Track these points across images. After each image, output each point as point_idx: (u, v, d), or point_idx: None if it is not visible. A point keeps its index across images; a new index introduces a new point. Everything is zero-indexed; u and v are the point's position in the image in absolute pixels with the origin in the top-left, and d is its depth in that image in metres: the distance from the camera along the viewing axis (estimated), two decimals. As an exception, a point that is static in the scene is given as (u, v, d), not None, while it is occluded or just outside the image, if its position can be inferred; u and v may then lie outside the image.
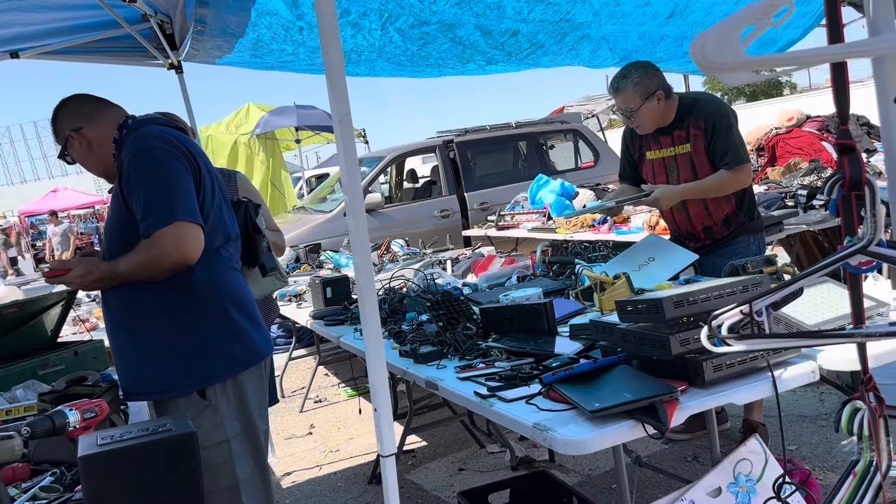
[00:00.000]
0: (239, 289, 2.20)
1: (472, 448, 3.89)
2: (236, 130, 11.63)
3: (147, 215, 1.97)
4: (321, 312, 3.47)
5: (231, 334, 2.12)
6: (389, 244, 5.44)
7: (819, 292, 2.24)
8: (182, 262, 1.97)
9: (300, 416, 4.87)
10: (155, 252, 1.95)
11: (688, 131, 3.14)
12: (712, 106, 3.16)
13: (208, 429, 2.06)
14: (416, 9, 2.86)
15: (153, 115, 2.23)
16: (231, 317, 2.12)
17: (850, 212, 1.21)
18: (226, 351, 2.10)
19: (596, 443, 1.66)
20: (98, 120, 2.17)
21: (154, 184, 1.98)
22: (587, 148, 9.01)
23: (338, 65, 1.51)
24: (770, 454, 2.06)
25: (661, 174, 3.28)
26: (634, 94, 3.09)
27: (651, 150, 3.29)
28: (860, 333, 1.17)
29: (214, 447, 2.07)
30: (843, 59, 1.17)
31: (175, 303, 2.06)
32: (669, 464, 3.37)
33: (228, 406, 2.11)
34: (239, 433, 2.13)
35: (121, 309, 2.13)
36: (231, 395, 2.11)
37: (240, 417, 2.13)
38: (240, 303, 2.17)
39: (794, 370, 1.90)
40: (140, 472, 1.20)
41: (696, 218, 3.26)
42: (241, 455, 2.12)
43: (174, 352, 2.06)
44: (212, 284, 2.10)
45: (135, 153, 2.02)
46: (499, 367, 2.23)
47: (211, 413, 2.07)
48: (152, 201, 1.97)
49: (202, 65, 3.94)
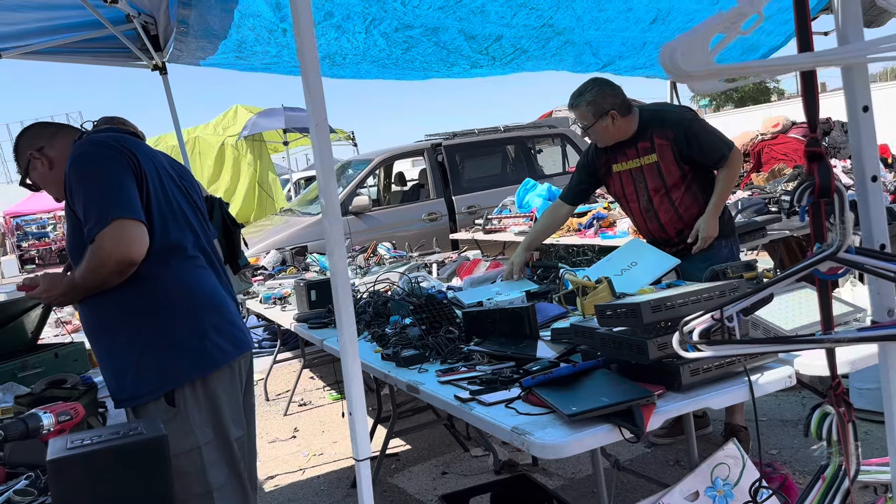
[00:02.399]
0: (206, 287, 2.17)
1: (456, 451, 3.89)
2: (224, 132, 11.62)
3: (87, 220, 1.96)
4: (305, 315, 3.47)
5: (198, 335, 2.10)
6: (376, 247, 5.43)
7: (797, 297, 2.26)
8: (126, 261, 1.94)
9: (284, 420, 4.86)
10: (99, 255, 1.93)
11: (652, 141, 3.23)
12: (675, 115, 3.27)
13: (179, 436, 2.03)
14: (399, 12, 2.87)
15: (101, 127, 2.23)
16: (199, 316, 2.11)
17: (819, 219, 1.23)
18: (193, 352, 2.08)
19: (573, 447, 1.67)
20: (59, 138, 2.20)
21: (89, 187, 1.97)
22: (575, 152, 9.04)
23: (314, 69, 1.51)
24: (748, 458, 2.07)
25: (629, 184, 3.36)
26: (587, 111, 3.20)
27: (617, 163, 3.36)
28: (828, 339, 1.18)
29: (185, 455, 2.05)
30: (811, 68, 1.18)
31: (139, 305, 2.04)
32: (651, 468, 3.38)
33: (199, 413, 2.09)
34: (212, 440, 2.11)
35: (93, 318, 2.12)
36: (202, 402, 2.10)
37: (212, 424, 2.11)
38: (206, 301, 2.15)
39: (770, 375, 1.92)
40: (109, 477, 1.19)
41: (668, 224, 3.33)
42: (214, 462, 2.11)
43: (145, 355, 2.05)
44: (177, 285, 2.09)
45: (71, 162, 2.03)
46: (480, 370, 2.24)
47: (181, 421, 2.06)
48: (90, 204, 1.96)
49: (190, 66, 3.92)
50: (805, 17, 1.19)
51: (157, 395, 2.05)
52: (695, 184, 3.25)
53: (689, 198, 3.25)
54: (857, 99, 1.27)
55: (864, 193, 1.30)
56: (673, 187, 3.24)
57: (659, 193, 3.27)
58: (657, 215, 3.32)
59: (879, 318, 1.30)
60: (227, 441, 2.15)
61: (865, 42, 1.19)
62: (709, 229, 3.21)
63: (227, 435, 2.15)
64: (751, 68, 1.12)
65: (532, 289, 3.25)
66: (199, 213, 2.27)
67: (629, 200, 3.42)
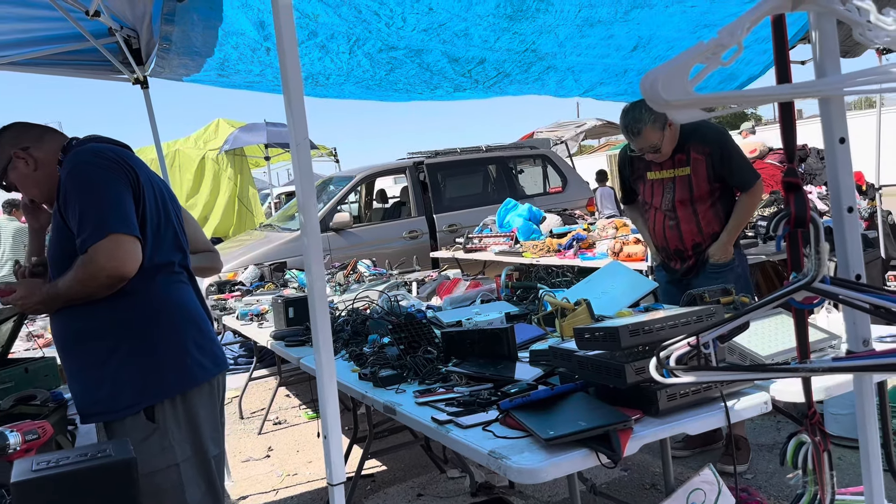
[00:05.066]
0: (189, 303, 2.17)
1: (433, 473, 3.86)
2: (204, 146, 11.56)
3: (82, 231, 1.94)
4: (282, 333, 3.43)
5: (181, 350, 2.08)
6: (356, 264, 5.41)
7: (774, 323, 2.28)
8: (118, 275, 1.93)
9: (258, 439, 4.79)
10: (90, 268, 1.92)
11: (689, 154, 3.34)
12: (713, 132, 3.38)
13: (156, 452, 2.01)
14: (383, 33, 2.88)
15: (95, 136, 2.21)
16: (181, 332, 2.09)
17: (796, 248, 1.24)
18: (176, 367, 2.06)
19: (550, 471, 1.66)
20: (47, 140, 2.17)
21: (88, 198, 1.95)
22: (555, 173, 9.11)
23: (297, 89, 1.51)
24: (723, 484, 2.07)
25: (658, 193, 3.47)
26: (654, 129, 3.27)
27: (652, 171, 3.47)
28: (804, 368, 1.19)
29: (163, 472, 2.03)
30: (790, 100, 1.20)
31: (123, 318, 2.02)
32: (627, 492, 3.38)
33: (178, 429, 2.06)
34: (190, 457, 2.08)
35: (69, 329, 2.08)
36: (181, 418, 2.07)
37: (191, 441, 2.09)
38: (190, 317, 2.14)
39: (747, 401, 1.93)
40: (76, 500, 1.16)
41: (687, 235, 3.42)
42: (191, 479, 2.08)
43: (125, 369, 2.02)
44: (161, 299, 2.08)
45: (70, 169, 2.01)
46: (458, 391, 2.23)
47: (159, 436, 2.03)
48: (86, 216, 1.94)
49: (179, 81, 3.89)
50: (784, 49, 1.21)
51: (137, 409, 2.02)
52: (720, 202, 3.37)
53: (712, 214, 3.37)
54: (834, 131, 1.29)
55: (841, 224, 1.31)
56: (698, 199, 3.34)
57: (684, 204, 3.37)
58: (679, 225, 3.41)
59: (854, 348, 1.31)
60: (205, 459, 2.13)
61: (842, 75, 1.21)
62: (721, 254, 3.34)
63: (205, 452, 2.13)
64: (730, 98, 1.13)
65: (511, 310, 3.25)
66: (184, 231, 2.27)
67: (654, 207, 3.51)
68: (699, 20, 3.17)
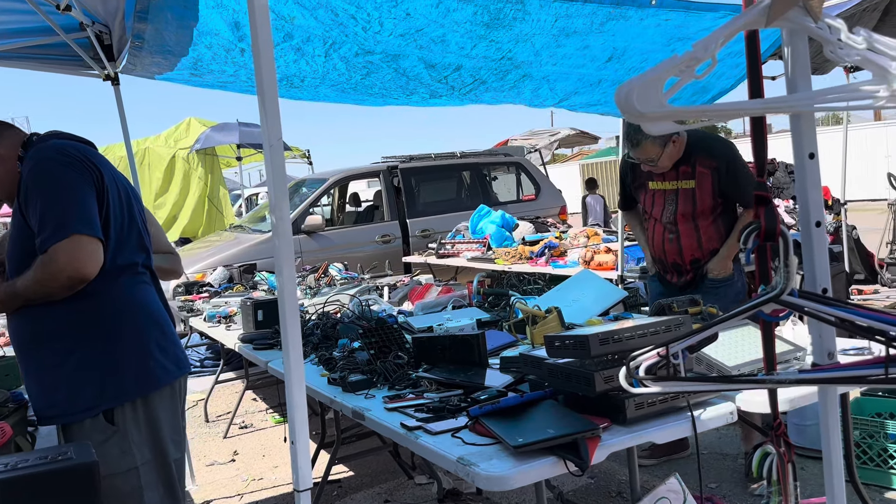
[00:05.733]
0: (152, 305, 2.13)
1: (400, 479, 3.84)
2: (175, 144, 11.42)
3: (43, 230, 1.89)
4: (251, 336, 3.40)
5: (143, 352, 2.05)
6: (327, 268, 5.37)
7: (741, 335, 2.31)
8: (78, 277, 1.89)
9: (224, 442, 4.73)
10: (50, 268, 1.88)
11: (694, 167, 3.26)
12: (723, 146, 3.31)
13: (116, 455, 1.97)
14: (360, 37, 2.87)
15: (58, 132, 2.16)
16: (144, 334, 2.06)
17: (764, 261, 1.26)
18: (137, 369, 2.02)
19: (518, 479, 1.66)
20: (5, 136, 2.11)
21: (50, 196, 1.91)
22: (529, 181, 9.16)
23: (271, 90, 1.49)
24: (688, 492, 2.09)
25: (659, 204, 3.39)
26: (654, 144, 3.21)
27: (654, 181, 3.40)
28: (770, 380, 1.20)
29: (122, 475, 1.99)
30: (762, 114, 1.22)
31: (84, 320, 1.98)
32: (594, 499, 3.39)
33: (139, 431, 2.03)
34: (150, 460, 2.05)
35: (26, 330, 2.03)
36: (142, 420, 2.04)
37: (151, 443, 2.05)
38: (153, 319, 2.11)
39: (713, 411, 1.95)
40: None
41: (686, 249, 3.36)
42: (150, 483, 2.04)
43: (84, 371, 1.98)
44: (124, 301, 2.04)
45: (32, 166, 1.96)
46: (428, 397, 2.23)
47: (119, 439, 1.99)
48: (48, 215, 1.89)
49: (151, 79, 3.83)
50: (757, 65, 1.23)
51: (96, 412, 1.98)
52: (721, 217, 3.31)
53: (713, 229, 3.31)
54: (804, 146, 1.31)
55: (809, 238, 1.34)
56: (701, 214, 3.27)
57: (686, 217, 3.30)
58: (679, 239, 3.34)
59: (820, 361, 1.34)
60: (165, 462, 2.10)
61: (813, 92, 1.24)
62: (720, 269, 3.29)
63: (165, 456, 2.10)
64: (704, 112, 1.14)
65: (483, 317, 3.25)
66: (147, 230, 2.23)
67: (654, 217, 3.45)
68: (673, 33, 3.21)
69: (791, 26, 1.21)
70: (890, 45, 1.16)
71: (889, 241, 7.75)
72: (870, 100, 1.16)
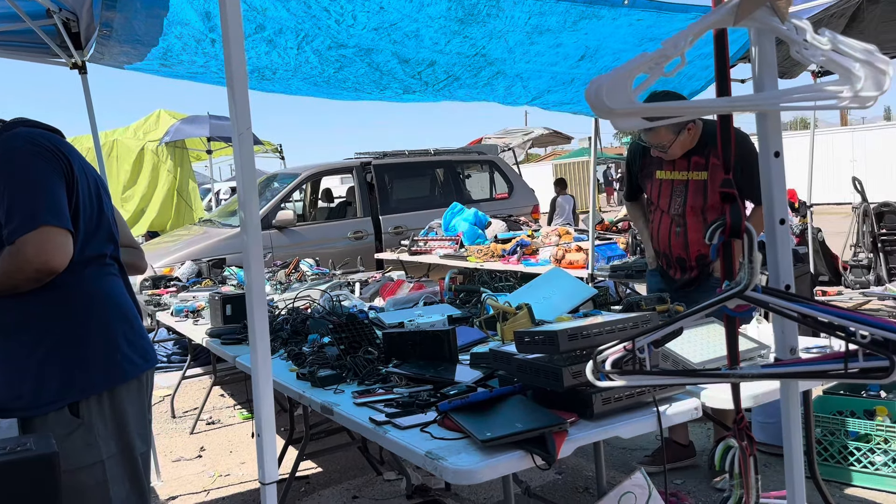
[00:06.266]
0: (120, 297, 2.10)
1: (369, 475, 3.83)
2: (144, 137, 11.24)
3: (10, 220, 1.85)
4: (218, 330, 3.36)
5: (111, 345, 2.01)
6: (298, 263, 5.34)
7: (707, 332, 2.34)
8: (46, 269, 1.86)
9: (190, 438, 4.67)
10: (18, 260, 1.84)
11: (707, 159, 3.14)
12: (741, 139, 3.08)
13: (81, 449, 1.94)
14: (333, 30, 2.85)
15: (23, 119, 2.11)
16: (111, 327, 2.03)
17: (729, 257, 1.28)
18: (104, 362, 1.99)
19: (486, 472, 1.67)
20: None
21: (19, 186, 1.87)
22: (502, 179, 9.20)
23: (241, 78, 1.47)
24: (654, 488, 2.12)
25: (665, 194, 3.26)
26: (668, 131, 3.10)
27: (662, 170, 3.26)
28: (733, 374, 1.22)
29: (87, 469, 1.95)
30: (728, 112, 1.23)
31: (51, 311, 1.95)
32: (561, 494, 3.42)
33: (104, 425, 2.00)
34: (115, 454, 2.02)
35: None
36: (108, 413, 2.01)
37: (116, 437, 2.02)
38: (120, 311, 2.08)
39: (678, 406, 1.98)
40: (-9, 496, 1.11)
41: (693, 244, 3.24)
42: (116, 477, 2.01)
43: (50, 363, 1.94)
44: (91, 293, 2.01)
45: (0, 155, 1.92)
46: (397, 393, 2.22)
47: (84, 432, 1.96)
48: (16, 205, 1.85)
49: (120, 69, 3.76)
50: (725, 63, 1.24)
51: (61, 404, 1.95)
52: None
53: None
54: (769, 144, 1.33)
55: (773, 236, 1.36)
56: (711, 209, 3.13)
57: (695, 211, 3.19)
58: (686, 233, 3.22)
59: (782, 356, 1.36)
60: (131, 456, 2.07)
61: (779, 91, 1.26)
62: None
63: (131, 449, 2.07)
64: (672, 110, 1.16)
65: (454, 313, 3.26)
66: (115, 222, 2.19)
67: (661, 209, 3.32)
68: (645, 33, 3.25)
69: (758, 26, 1.23)
70: (854, 47, 1.18)
71: (853, 244, 7.92)
72: (834, 100, 1.19)
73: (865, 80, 1.16)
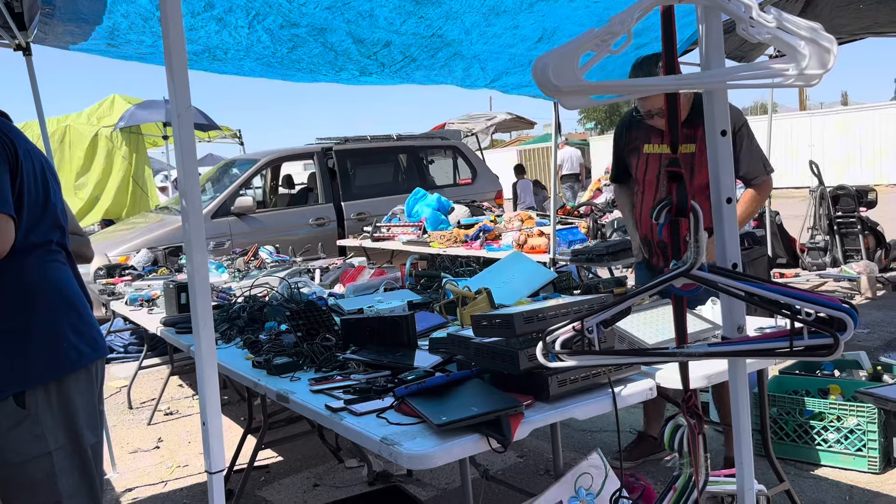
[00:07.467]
0: (67, 285, 2.04)
1: (330, 463, 3.80)
2: (98, 122, 10.95)
3: None
4: (173, 319, 3.29)
5: (56, 334, 1.96)
6: (257, 250, 5.26)
7: (663, 313, 2.36)
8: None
9: (148, 429, 4.59)
10: None
11: (697, 130, 2.89)
12: (733, 111, 2.93)
13: (27, 441, 1.89)
14: (284, 9, 2.78)
15: None
16: (56, 315, 1.97)
17: (676, 236, 1.27)
18: (50, 351, 1.94)
19: (441, 457, 1.66)
20: None
21: None
22: (465, 165, 9.17)
23: (179, 53, 1.41)
24: (610, 468, 2.13)
25: (652, 170, 3.08)
26: None
27: (650, 144, 3.08)
28: (681, 353, 1.22)
29: (33, 461, 1.90)
30: (675, 90, 1.23)
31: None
32: (521, 478, 3.43)
33: (52, 416, 1.94)
34: (63, 445, 1.97)
35: None
36: (55, 405, 1.95)
37: (65, 428, 1.97)
38: (66, 300, 2.02)
39: (633, 387, 1.99)
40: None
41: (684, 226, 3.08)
42: (65, 469, 1.96)
43: None
44: (36, 280, 1.95)
45: None
46: (355, 379, 2.20)
47: (30, 424, 1.90)
48: None
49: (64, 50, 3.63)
50: (672, 41, 1.23)
51: (6, 395, 1.89)
52: None
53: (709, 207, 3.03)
54: (716, 123, 1.33)
55: (720, 214, 1.36)
56: (698, 189, 2.83)
57: None
58: None
59: (729, 334, 1.37)
60: (80, 447, 2.02)
61: (726, 69, 1.25)
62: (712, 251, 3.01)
63: (80, 441, 2.02)
64: (618, 87, 1.14)
65: (414, 298, 3.23)
66: (64, 209, 2.13)
67: (646, 187, 3.14)
68: (602, 15, 3.24)
69: (706, 3, 1.22)
70: (799, 25, 1.18)
71: (810, 227, 8.08)
72: (780, 77, 1.18)
73: (810, 59, 1.16)
